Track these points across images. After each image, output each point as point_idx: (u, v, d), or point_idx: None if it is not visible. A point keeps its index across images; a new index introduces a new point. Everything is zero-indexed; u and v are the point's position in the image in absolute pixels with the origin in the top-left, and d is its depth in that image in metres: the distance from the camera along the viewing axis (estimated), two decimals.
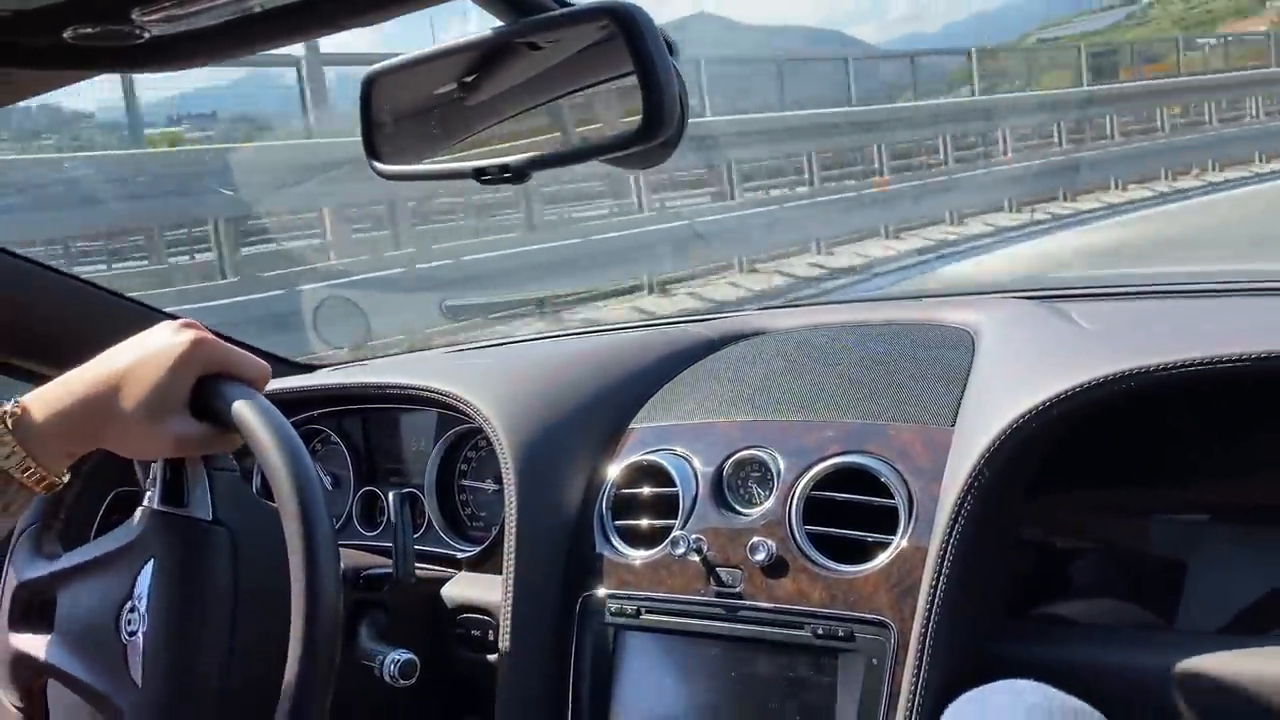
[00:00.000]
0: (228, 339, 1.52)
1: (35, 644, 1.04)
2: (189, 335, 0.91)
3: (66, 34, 0.66)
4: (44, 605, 1.05)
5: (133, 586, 0.97)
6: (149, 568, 0.97)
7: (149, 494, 1.00)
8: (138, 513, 1.01)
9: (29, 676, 1.05)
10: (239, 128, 10.04)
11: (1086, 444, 1.04)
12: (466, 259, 7.62)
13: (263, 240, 7.57)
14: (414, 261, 7.31)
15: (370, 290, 6.54)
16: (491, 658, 1.15)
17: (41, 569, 1.05)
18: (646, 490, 1.14)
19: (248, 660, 0.94)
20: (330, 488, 1.45)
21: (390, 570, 1.13)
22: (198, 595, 0.95)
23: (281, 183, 7.10)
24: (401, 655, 1.07)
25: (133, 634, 0.96)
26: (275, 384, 1.43)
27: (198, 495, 0.97)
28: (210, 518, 0.96)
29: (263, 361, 0.95)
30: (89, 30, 0.66)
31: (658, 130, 0.73)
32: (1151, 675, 0.94)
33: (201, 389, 0.91)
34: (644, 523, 1.13)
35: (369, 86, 0.91)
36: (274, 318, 5.58)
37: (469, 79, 0.87)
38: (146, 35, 0.68)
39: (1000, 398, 1.00)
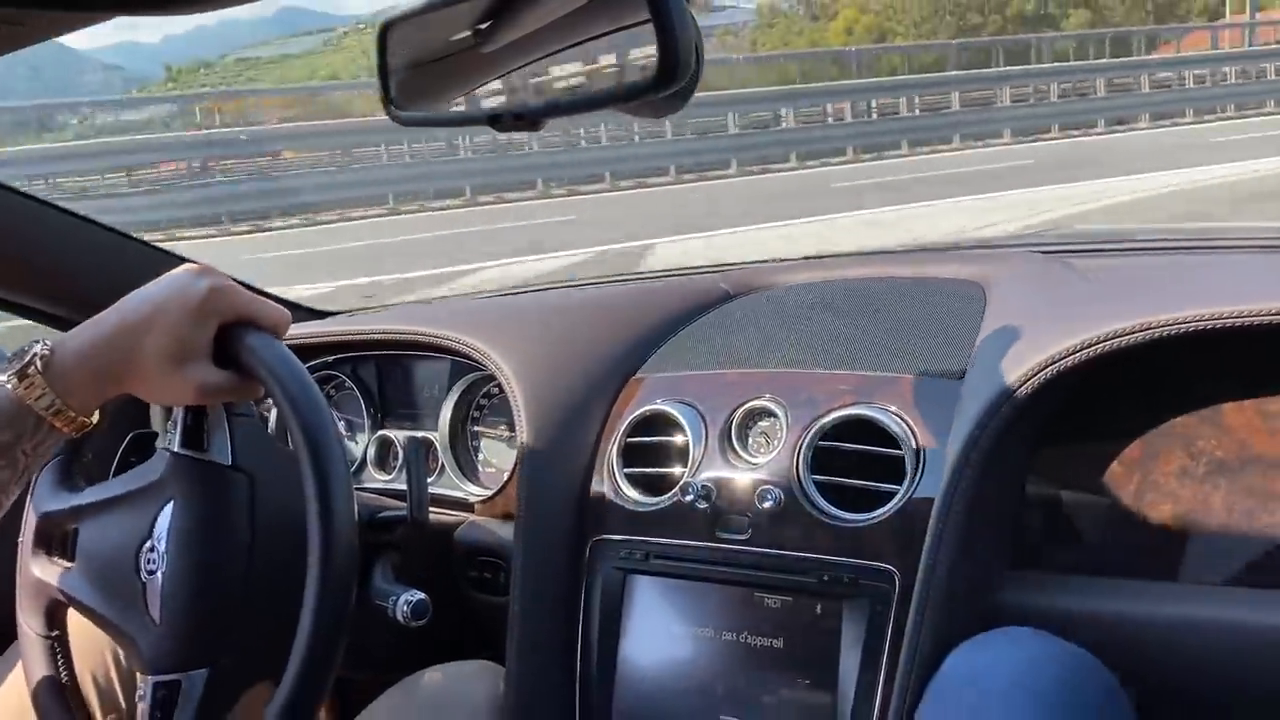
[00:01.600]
0: (245, 285, 1.54)
1: (56, 573, 1.07)
2: (209, 282, 0.91)
3: None
4: (65, 537, 1.08)
5: (152, 527, 0.99)
6: (169, 509, 0.99)
7: (169, 437, 1.01)
8: (158, 455, 1.03)
9: (50, 605, 1.08)
10: None
11: (1092, 396, 1.04)
12: None
13: None
14: None
15: None
16: (502, 600, 1.17)
17: (64, 501, 1.08)
18: (657, 438, 1.16)
19: (264, 601, 0.97)
20: (345, 432, 1.47)
21: (404, 513, 1.14)
22: (216, 538, 0.97)
23: None
24: (414, 596, 1.09)
25: (151, 573, 0.99)
26: (291, 330, 1.45)
27: (217, 440, 0.98)
28: (230, 463, 0.97)
29: (283, 308, 0.96)
30: None
31: (672, 78, 0.73)
32: (1152, 625, 0.95)
33: (223, 336, 0.92)
34: (654, 470, 1.15)
35: (385, 33, 0.92)
36: None
37: (485, 25, 0.87)
38: None
39: (1008, 352, 1.01)
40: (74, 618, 1.08)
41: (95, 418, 0.93)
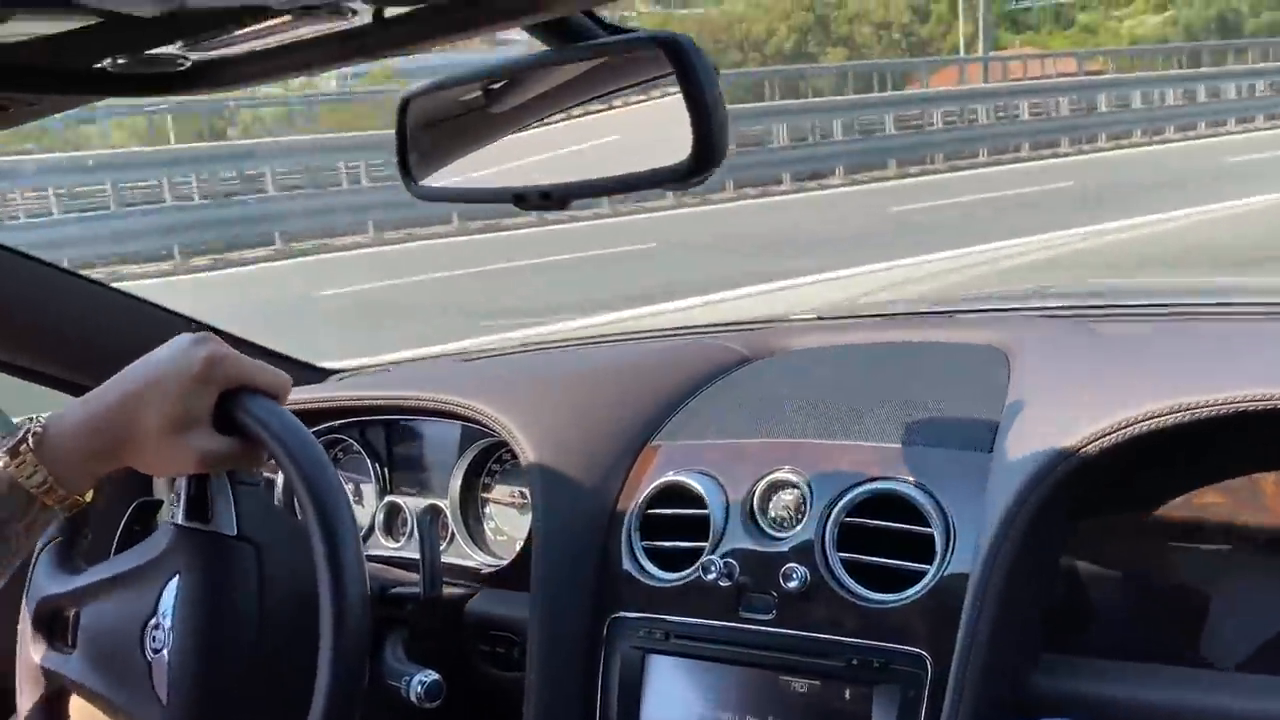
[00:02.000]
0: (246, 344, 1.52)
1: (58, 660, 1.04)
2: (207, 350, 0.89)
3: (105, 63, 0.64)
4: (66, 621, 1.05)
5: (157, 603, 0.97)
6: (173, 584, 0.96)
7: (172, 510, 0.99)
8: (161, 528, 1.00)
9: (52, 693, 1.04)
10: None
11: (1125, 471, 1.02)
12: None
13: None
14: None
15: None
16: (517, 676, 1.14)
17: (64, 585, 1.05)
18: (676, 511, 1.13)
19: (273, 678, 0.94)
20: (352, 498, 1.44)
21: (417, 590, 1.11)
22: (222, 612, 0.94)
23: None
24: (428, 676, 1.06)
25: (157, 651, 0.96)
26: (296, 394, 1.43)
27: (221, 510, 0.96)
28: (235, 533, 0.95)
29: (283, 373, 0.94)
30: (128, 59, 0.64)
31: (709, 162, 0.71)
32: (1181, 715, 0.92)
33: (224, 404, 0.90)
34: (673, 544, 1.12)
35: (405, 107, 0.90)
36: None
37: (509, 102, 0.86)
38: (187, 63, 0.66)
39: (1040, 425, 0.99)
40: (76, 701, 1.05)
41: (90, 495, 0.91)
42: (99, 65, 0.65)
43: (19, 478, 0.84)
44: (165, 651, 0.95)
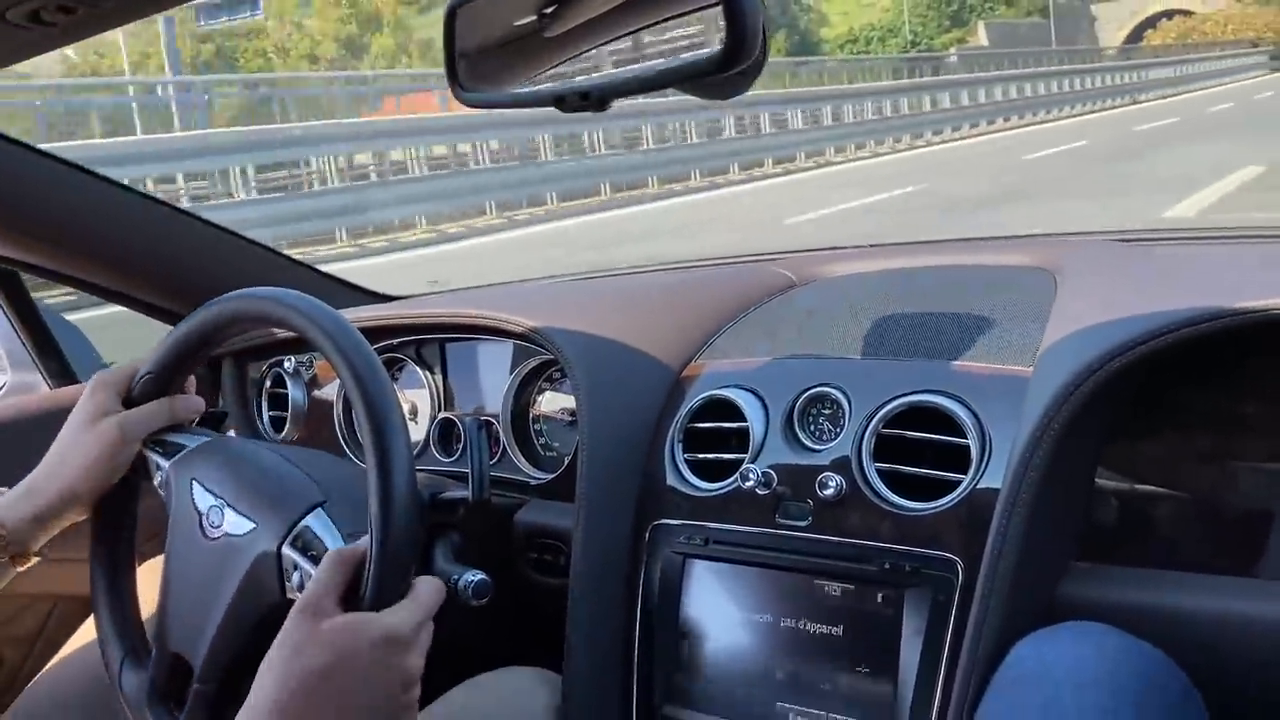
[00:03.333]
0: (308, 268, 1.58)
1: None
2: (110, 428, 1.03)
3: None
4: None
5: None
6: None
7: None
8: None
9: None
10: None
11: (1169, 386, 1.02)
12: None
13: None
14: None
15: None
16: (562, 582, 1.18)
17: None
18: (718, 424, 1.15)
19: None
20: (408, 415, 1.48)
21: (466, 494, 1.15)
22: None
23: None
24: (476, 575, 1.10)
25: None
26: (356, 313, 1.48)
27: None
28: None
29: (193, 400, 1.09)
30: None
31: (739, 58, 0.72)
32: (1226, 622, 0.92)
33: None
34: (714, 456, 1.14)
35: (452, 16, 0.92)
36: None
37: (550, 7, 0.87)
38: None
39: (1081, 339, 0.99)
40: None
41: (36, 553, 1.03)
42: None
43: None
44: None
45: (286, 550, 0.97)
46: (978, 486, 0.99)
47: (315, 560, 0.94)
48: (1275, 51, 42.45)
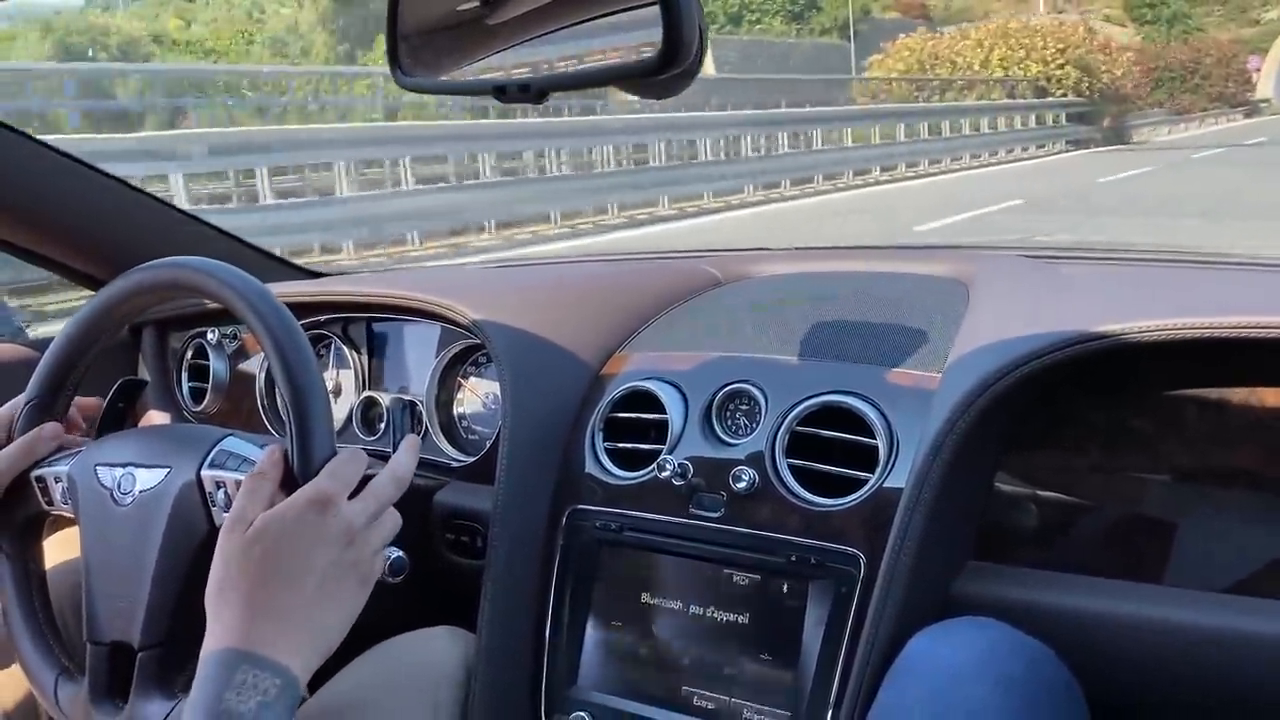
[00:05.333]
0: (231, 237, 1.57)
1: None
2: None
3: None
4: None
5: None
6: None
7: None
8: None
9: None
10: None
11: (1065, 399, 1.07)
12: None
13: None
14: None
15: None
16: (477, 564, 1.20)
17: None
18: (638, 415, 1.18)
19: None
20: (331, 393, 1.48)
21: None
22: None
23: None
24: (393, 553, 1.11)
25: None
26: (283, 288, 1.47)
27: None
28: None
29: (47, 431, 1.07)
30: None
31: (675, 60, 0.75)
32: (1106, 621, 0.98)
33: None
34: (633, 446, 1.17)
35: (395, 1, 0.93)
36: None
37: (505, 14, 0.89)
38: None
39: (984, 351, 1.04)
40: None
41: None
42: None
43: None
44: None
45: (206, 472, 0.97)
46: (883, 485, 1.03)
47: (236, 472, 0.95)
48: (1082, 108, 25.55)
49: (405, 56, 0.94)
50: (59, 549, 1.14)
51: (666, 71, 0.76)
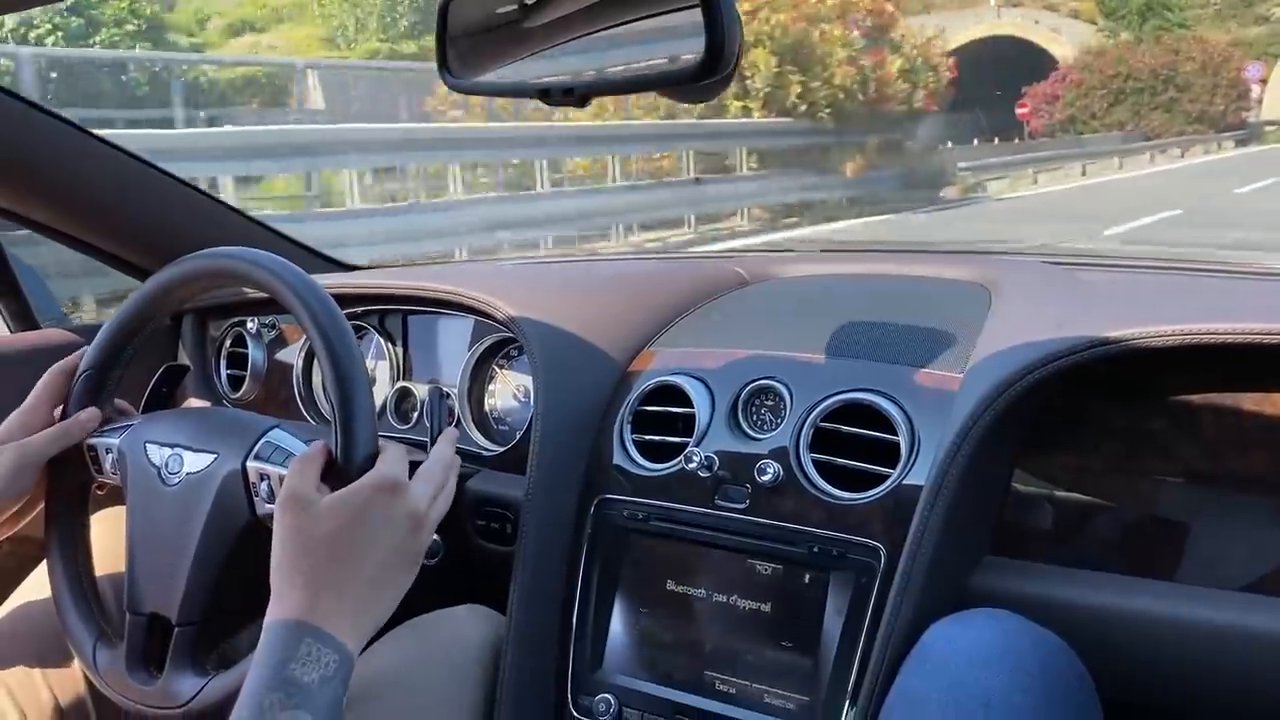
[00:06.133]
0: (277, 234, 1.62)
1: None
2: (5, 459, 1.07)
3: None
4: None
5: None
6: None
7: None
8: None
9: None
10: None
11: (1083, 401, 1.10)
12: None
13: None
14: None
15: None
16: (508, 550, 1.24)
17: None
18: (665, 409, 1.22)
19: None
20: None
21: (422, 458, 1.21)
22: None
23: None
24: None
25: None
26: (323, 279, 1.52)
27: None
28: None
29: (87, 415, 1.11)
30: None
31: (717, 67, 0.78)
32: (1120, 617, 1.01)
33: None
34: (660, 438, 1.21)
35: (446, 4, 0.97)
36: None
37: (543, 17, 0.93)
38: None
39: (1004, 354, 1.07)
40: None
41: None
42: None
43: None
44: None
45: (251, 464, 1.02)
46: (904, 481, 1.06)
47: (281, 467, 0.99)
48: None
49: (454, 60, 0.98)
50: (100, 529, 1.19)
51: (705, 79, 0.79)
